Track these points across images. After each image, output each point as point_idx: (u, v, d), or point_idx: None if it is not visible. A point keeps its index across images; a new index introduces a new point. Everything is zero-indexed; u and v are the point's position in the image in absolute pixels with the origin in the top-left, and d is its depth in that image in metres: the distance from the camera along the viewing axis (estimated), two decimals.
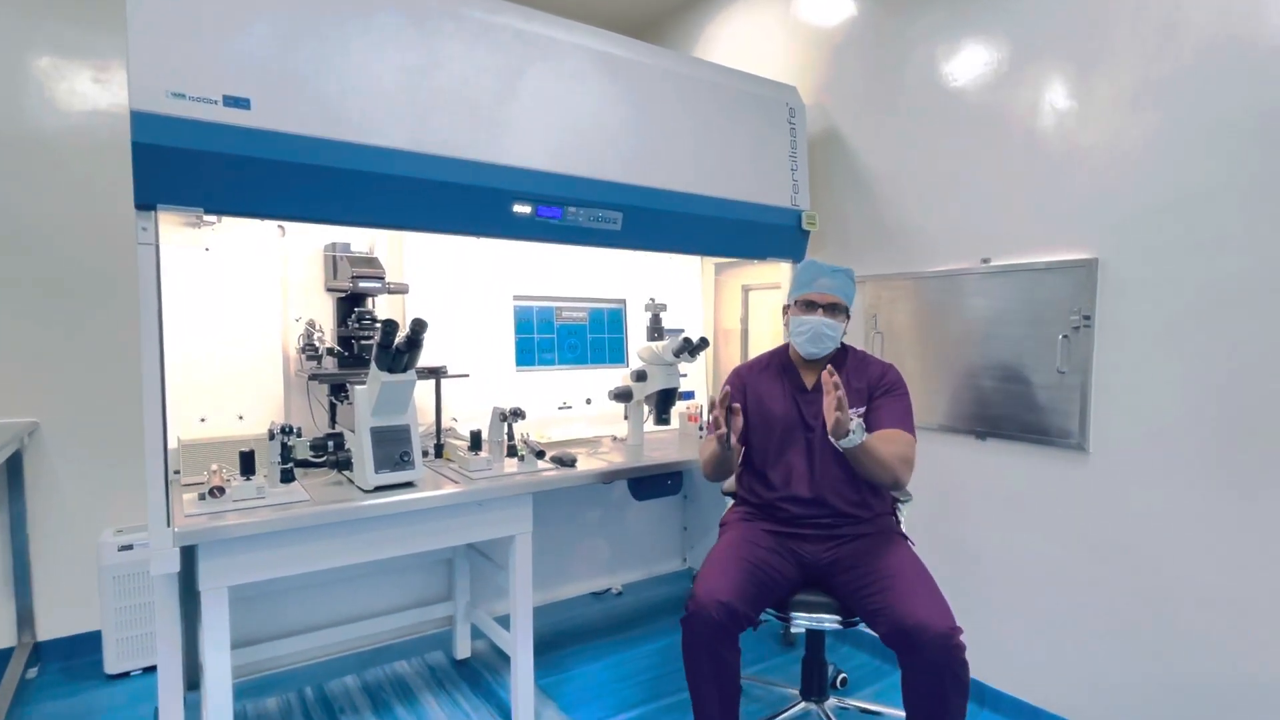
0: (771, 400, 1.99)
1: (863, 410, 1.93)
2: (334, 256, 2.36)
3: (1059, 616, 2.19)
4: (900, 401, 1.92)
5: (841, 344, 2.01)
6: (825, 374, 1.69)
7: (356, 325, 2.27)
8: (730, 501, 2.19)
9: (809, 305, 1.94)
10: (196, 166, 1.64)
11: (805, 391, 1.98)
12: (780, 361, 2.06)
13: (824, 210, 2.87)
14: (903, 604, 1.64)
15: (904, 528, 2.03)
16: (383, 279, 2.28)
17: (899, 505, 2.09)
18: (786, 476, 1.94)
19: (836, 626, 1.84)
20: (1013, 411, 2.27)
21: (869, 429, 1.87)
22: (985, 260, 2.34)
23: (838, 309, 1.94)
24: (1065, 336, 2.12)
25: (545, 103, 2.17)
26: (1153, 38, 1.94)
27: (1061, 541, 2.18)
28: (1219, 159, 1.83)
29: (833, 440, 1.72)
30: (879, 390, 1.94)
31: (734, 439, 1.80)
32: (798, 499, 1.92)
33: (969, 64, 2.39)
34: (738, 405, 1.81)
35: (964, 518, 2.43)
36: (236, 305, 2.26)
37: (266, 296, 2.32)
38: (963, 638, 1.59)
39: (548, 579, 2.92)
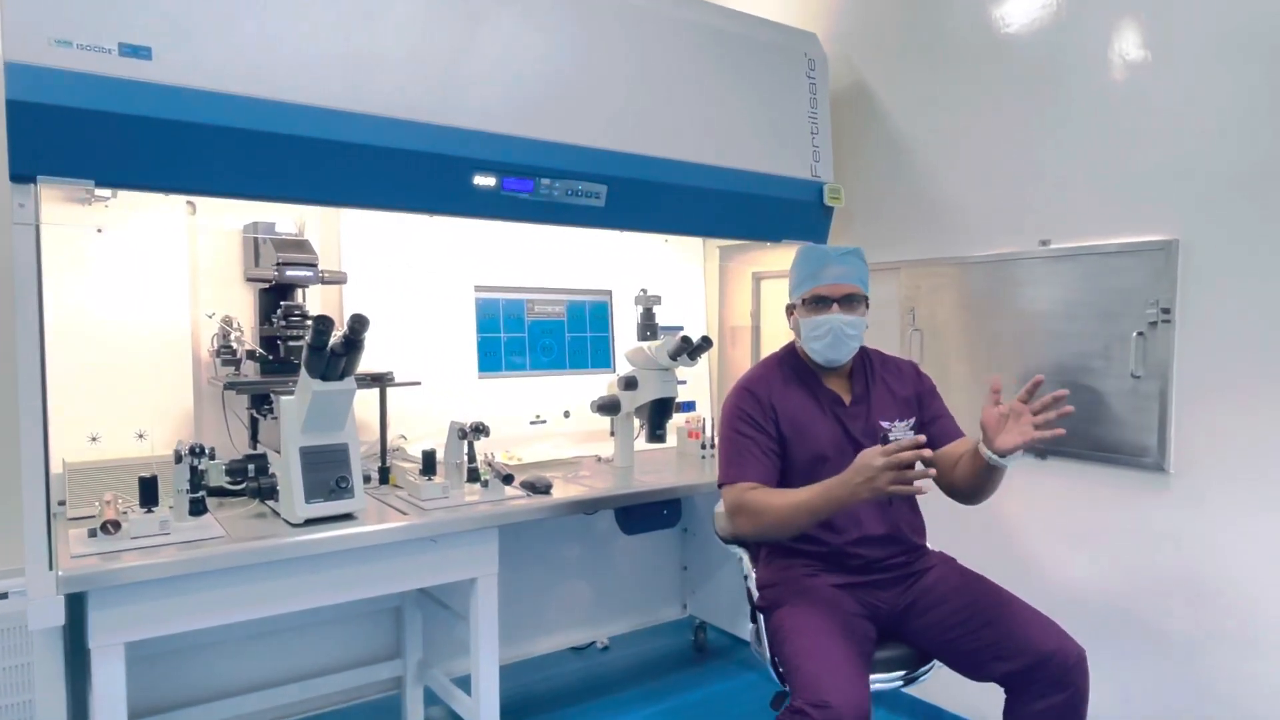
0: (811, 423, 1.93)
1: (912, 421, 1.95)
2: (255, 239, 2.34)
3: (1134, 669, 2.20)
4: (944, 403, 2.01)
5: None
6: (996, 382, 1.69)
7: (283, 323, 2.25)
8: (738, 550, 2.07)
9: (820, 301, 1.90)
10: (86, 129, 1.63)
11: (844, 405, 1.96)
12: (794, 369, 2.01)
13: (850, 183, 2.88)
14: (1025, 631, 1.66)
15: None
16: (315, 266, 2.28)
17: None
18: (854, 514, 1.89)
19: (900, 684, 1.84)
20: (1078, 424, 2.26)
21: (941, 442, 1.89)
22: (1044, 243, 2.35)
23: (855, 300, 1.91)
24: (1140, 334, 2.13)
25: (514, 53, 2.17)
26: None
27: (1137, 580, 2.19)
28: None
29: (994, 457, 1.65)
30: (926, 395, 1.99)
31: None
32: (871, 539, 1.89)
33: (1024, 6, 2.40)
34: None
35: (1019, 551, 2.44)
36: (136, 299, 2.25)
37: (173, 288, 2.30)
38: None
39: (518, 631, 2.91)
